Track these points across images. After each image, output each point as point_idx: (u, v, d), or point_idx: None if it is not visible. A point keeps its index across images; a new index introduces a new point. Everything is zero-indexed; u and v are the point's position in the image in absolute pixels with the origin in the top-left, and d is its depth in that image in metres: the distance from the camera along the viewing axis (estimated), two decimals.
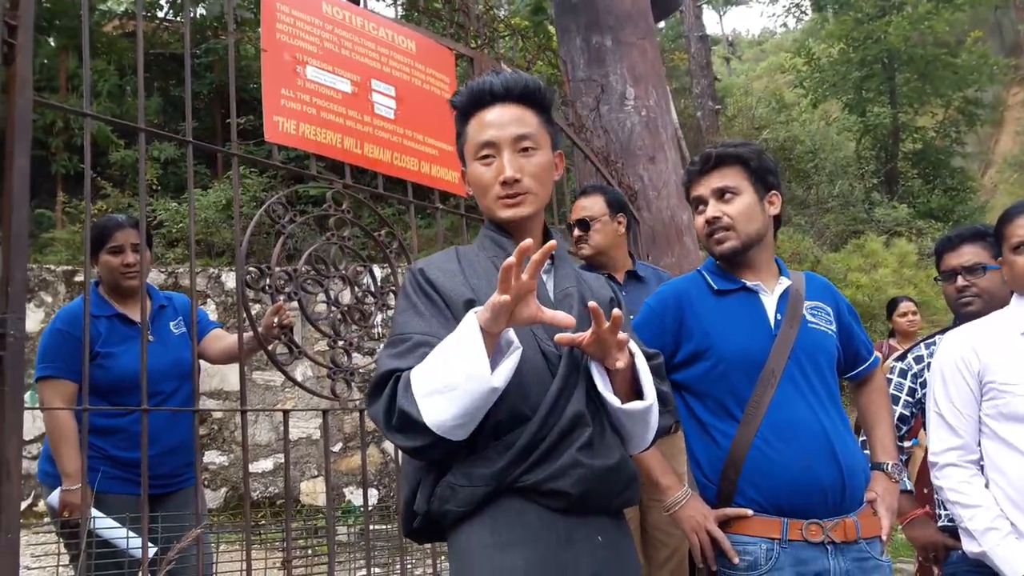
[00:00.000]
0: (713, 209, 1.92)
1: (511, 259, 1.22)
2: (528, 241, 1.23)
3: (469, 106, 1.56)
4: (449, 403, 1.27)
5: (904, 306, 5.48)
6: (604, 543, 1.40)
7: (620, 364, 1.36)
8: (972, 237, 2.42)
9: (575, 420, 1.39)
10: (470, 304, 1.43)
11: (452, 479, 1.38)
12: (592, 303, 1.32)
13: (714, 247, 1.95)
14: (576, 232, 3.00)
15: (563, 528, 1.37)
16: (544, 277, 1.55)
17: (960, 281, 2.40)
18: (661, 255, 5.14)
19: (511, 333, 1.32)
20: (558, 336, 1.36)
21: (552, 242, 1.26)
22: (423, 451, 1.34)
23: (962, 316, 2.39)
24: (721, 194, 1.92)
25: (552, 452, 1.36)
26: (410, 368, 1.35)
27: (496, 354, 1.31)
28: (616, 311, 1.32)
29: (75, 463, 2.56)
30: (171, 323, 2.91)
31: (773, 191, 1.98)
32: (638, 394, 1.44)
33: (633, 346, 1.43)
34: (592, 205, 2.99)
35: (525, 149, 1.52)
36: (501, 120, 1.52)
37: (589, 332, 1.35)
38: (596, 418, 1.43)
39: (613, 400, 1.39)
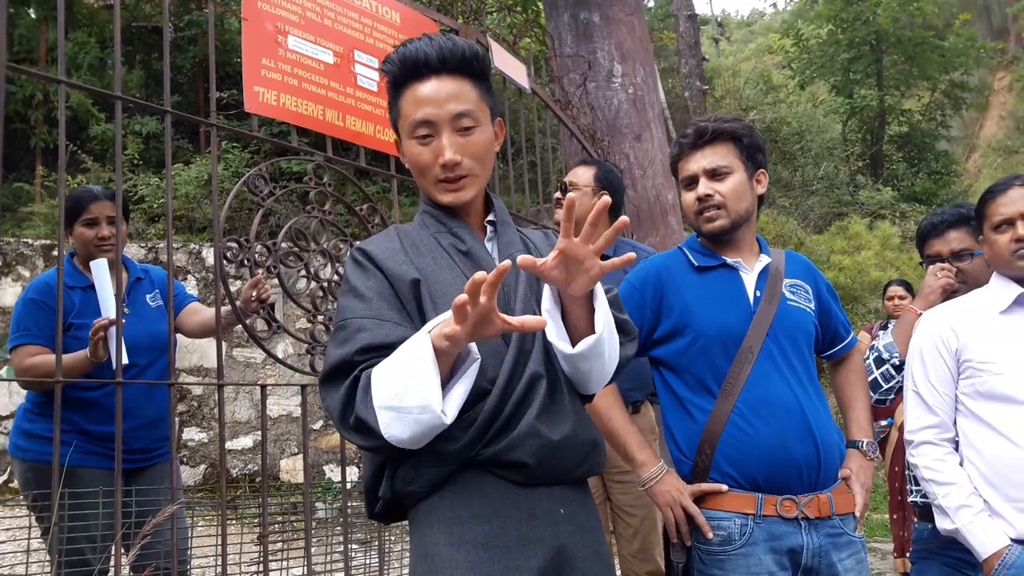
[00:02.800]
0: (705, 187, 1.91)
1: (462, 297, 1.12)
2: (480, 274, 1.13)
3: (402, 77, 1.44)
4: (404, 425, 1.23)
5: (892, 289, 5.45)
6: (567, 516, 1.38)
7: (592, 274, 1.24)
8: (957, 222, 2.41)
9: (531, 382, 1.35)
10: (416, 285, 1.38)
11: (416, 460, 1.34)
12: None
13: (704, 225, 1.94)
14: (556, 195, 3.03)
15: (525, 502, 1.34)
16: (488, 245, 1.50)
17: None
18: (646, 234, 5.14)
19: (471, 344, 1.25)
20: (521, 258, 1.23)
21: (506, 263, 1.15)
22: (378, 452, 1.33)
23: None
24: (713, 173, 1.91)
25: (510, 421, 1.33)
26: (362, 360, 1.31)
27: (457, 361, 1.26)
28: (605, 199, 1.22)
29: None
30: (147, 296, 2.87)
31: (761, 169, 1.98)
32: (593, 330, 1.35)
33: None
34: (581, 174, 3.00)
35: (465, 128, 1.42)
36: (438, 96, 1.41)
37: (553, 255, 1.24)
38: (553, 379, 1.38)
39: (564, 348, 1.32)
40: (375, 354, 1.31)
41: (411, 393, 1.21)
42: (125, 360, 2.30)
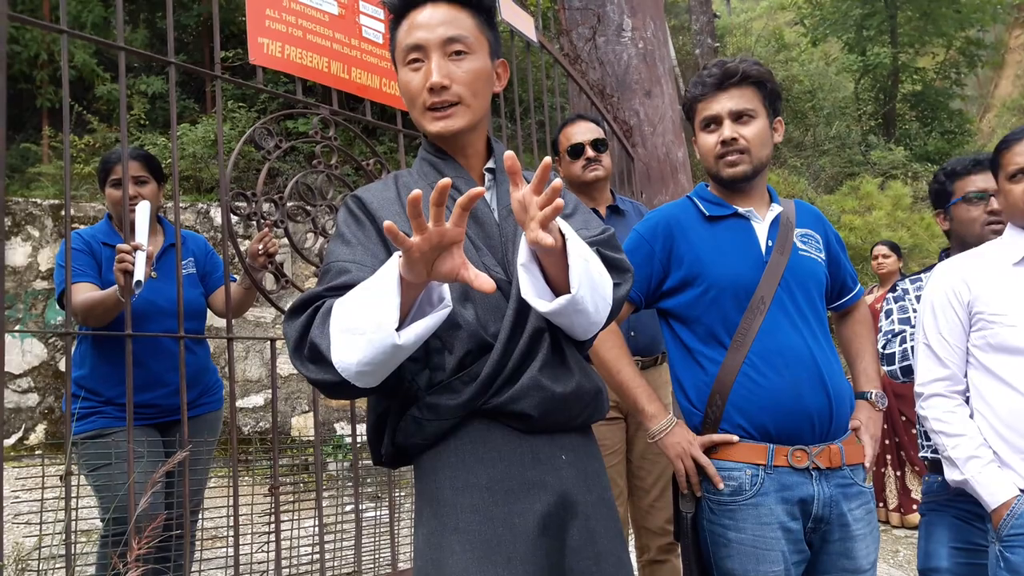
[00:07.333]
0: (730, 130, 1.86)
1: (416, 193, 1.05)
2: (446, 181, 1.08)
3: (401, 7, 1.43)
4: (355, 347, 1.17)
5: (875, 249, 5.56)
6: (569, 462, 1.37)
7: (539, 238, 1.15)
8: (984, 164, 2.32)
9: (534, 337, 1.34)
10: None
11: (418, 413, 1.33)
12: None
13: (724, 170, 1.89)
14: (591, 153, 2.85)
15: (528, 447, 1.34)
16: (487, 195, 1.46)
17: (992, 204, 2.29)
18: (656, 192, 5.09)
19: (444, 288, 1.20)
20: (507, 159, 1.17)
21: (480, 188, 1.09)
22: (329, 389, 1.25)
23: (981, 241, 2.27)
24: (738, 116, 1.87)
25: (513, 375, 1.32)
26: (332, 295, 1.27)
27: (426, 306, 1.20)
28: (557, 181, 1.13)
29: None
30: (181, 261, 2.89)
31: (778, 117, 1.95)
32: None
33: (566, 228, 1.25)
34: (599, 132, 2.92)
35: (457, 53, 1.39)
36: (431, 21, 1.39)
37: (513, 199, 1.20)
38: (556, 334, 1.36)
39: (538, 305, 1.26)
40: (345, 291, 1.26)
41: (368, 311, 1.16)
42: (140, 277, 2.37)
